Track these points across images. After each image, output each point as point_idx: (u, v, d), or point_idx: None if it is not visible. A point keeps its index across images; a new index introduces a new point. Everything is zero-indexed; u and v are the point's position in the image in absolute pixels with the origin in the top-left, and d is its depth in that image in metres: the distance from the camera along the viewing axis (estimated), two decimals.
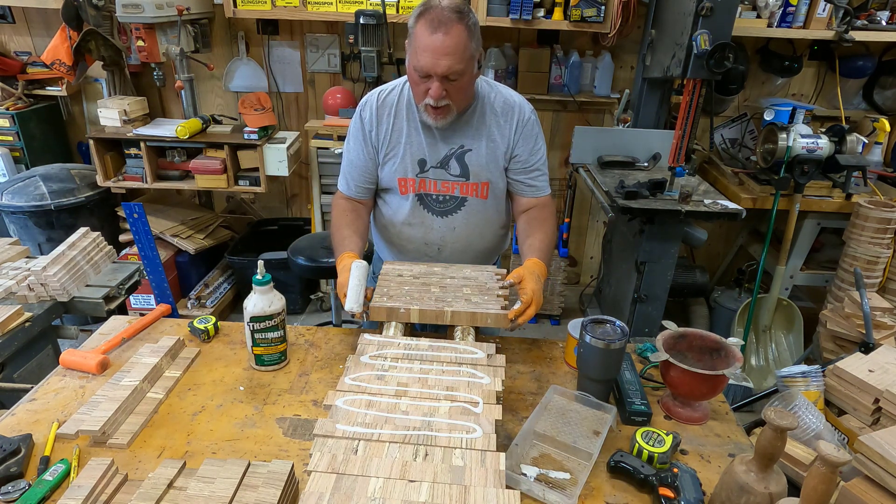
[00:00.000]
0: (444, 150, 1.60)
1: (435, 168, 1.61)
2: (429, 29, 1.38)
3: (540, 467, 1.10)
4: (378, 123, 1.60)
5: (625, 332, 1.26)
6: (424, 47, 1.39)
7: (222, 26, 3.36)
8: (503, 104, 1.60)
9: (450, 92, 1.45)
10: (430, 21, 1.38)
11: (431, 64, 1.40)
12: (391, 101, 1.61)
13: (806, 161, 2.67)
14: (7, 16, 3.33)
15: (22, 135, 3.30)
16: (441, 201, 1.65)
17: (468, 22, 1.40)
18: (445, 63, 1.39)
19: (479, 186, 1.63)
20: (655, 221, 2.48)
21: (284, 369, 1.40)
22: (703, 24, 2.33)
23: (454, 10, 1.39)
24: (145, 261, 2.78)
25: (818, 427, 1.54)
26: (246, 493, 0.95)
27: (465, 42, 1.40)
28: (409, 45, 1.47)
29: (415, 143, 1.60)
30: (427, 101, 1.47)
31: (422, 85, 1.46)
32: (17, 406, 1.25)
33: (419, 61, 1.41)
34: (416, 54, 1.42)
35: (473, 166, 1.61)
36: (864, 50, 3.17)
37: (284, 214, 3.89)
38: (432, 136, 1.59)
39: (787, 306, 3.06)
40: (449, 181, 1.62)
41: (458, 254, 1.69)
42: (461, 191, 1.63)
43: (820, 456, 0.84)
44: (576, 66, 3.27)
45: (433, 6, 1.40)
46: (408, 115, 1.60)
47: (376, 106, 1.61)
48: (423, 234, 1.69)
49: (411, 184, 1.63)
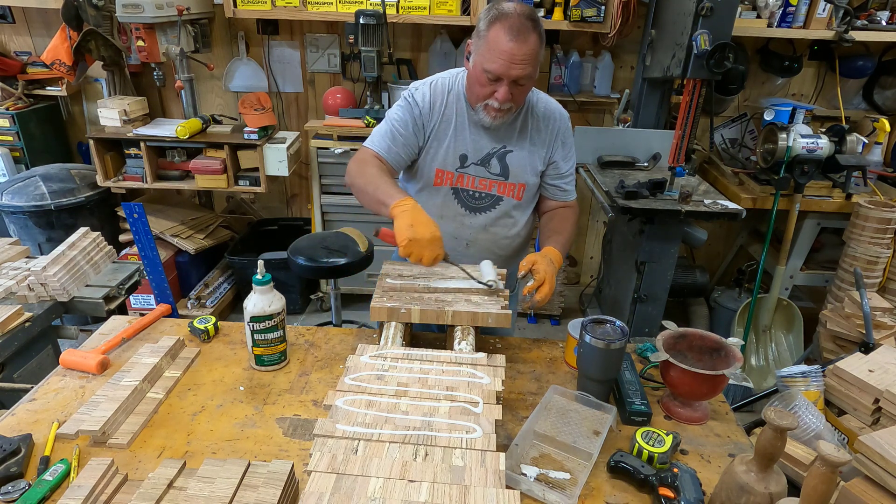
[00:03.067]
0: (488, 147, 1.63)
1: (476, 165, 1.64)
2: (507, 35, 1.41)
3: (540, 467, 1.10)
4: (431, 108, 1.61)
5: (625, 332, 1.26)
6: (501, 52, 1.41)
7: (222, 26, 3.36)
8: (544, 110, 1.66)
9: (514, 95, 1.49)
10: (509, 27, 1.41)
11: (506, 69, 1.43)
12: (443, 91, 1.62)
13: (806, 161, 2.67)
14: (7, 16, 3.33)
15: (22, 135, 3.30)
16: (476, 198, 1.67)
17: (541, 29, 1.46)
18: (519, 69, 1.43)
19: (515, 187, 1.66)
20: (655, 221, 2.48)
21: (284, 369, 1.40)
22: (703, 24, 2.33)
23: (529, 17, 1.43)
24: (145, 261, 2.78)
25: (818, 427, 1.54)
26: (246, 493, 0.95)
27: (538, 49, 1.45)
28: (476, 46, 1.48)
29: (459, 138, 1.62)
30: (490, 103, 1.50)
31: (488, 87, 1.48)
32: (17, 406, 1.25)
33: (493, 65, 1.43)
34: (491, 57, 1.43)
35: (514, 167, 1.64)
36: (864, 50, 3.17)
37: (284, 214, 3.90)
38: (478, 133, 1.62)
39: (787, 306, 3.06)
40: (487, 179, 1.65)
41: (485, 252, 1.70)
42: (498, 190, 1.66)
43: (820, 456, 0.84)
44: (576, 66, 3.27)
45: (509, 13, 1.42)
46: (457, 108, 1.61)
47: (430, 93, 1.61)
48: (454, 229, 1.70)
49: (449, 177, 1.65)
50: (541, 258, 1.48)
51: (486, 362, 1.22)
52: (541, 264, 1.46)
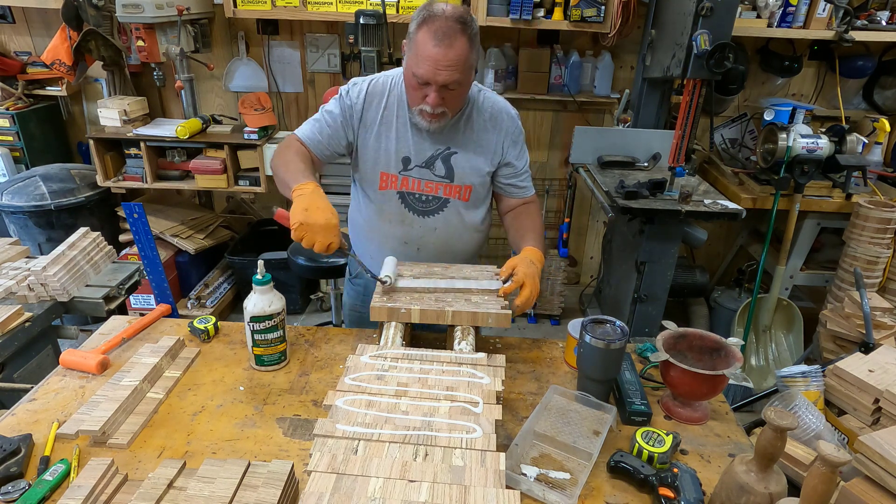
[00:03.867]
0: (431, 150, 1.60)
1: (419, 167, 1.61)
2: (432, 39, 1.37)
3: (540, 467, 1.10)
4: (365, 108, 1.59)
5: (625, 332, 1.26)
6: (426, 57, 1.38)
7: (222, 26, 3.36)
8: (491, 109, 1.62)
9: (447, 99, 1.46)
10: (434, 31, 1.37)
11: (432, 74, 1.40)
12: (383, 91, 1.59)
13: (806, 161, 2.67)
14: (7, 16, 3.33)
15: (22, 135, 3.31)
16: (423, 201, 1.65)
17: (471, 32, 1.40)
18: (446, 74, 1.40)
19: (462, 189, 1.64)
20: (655, 221, 2.48)
21: (284, 369, 1.40)
22: (703, 24, 2.33)
23: (458, 19, 1.38)
24: (145, 261, 2.78)
25: (818, 427, 1.54)
26: (246, 493, 0.95)
27: (467, 54, 1.40)
28: (408, 49, 1.46)
29: (401, 140, 1.59)
30: (423, 108, 1.47)
31: (419, 90, 1.46)
32: (17, 406, 1.25)
33: (420, 70, 1.41)
34: (418, 62, 1.41)
35: (459, 169, 1.62)
36: (864, 50, 3.17)
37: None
38: (420, 136, 1.59)
39: (787, 306, 3.06)
40: (433, 181, 1.62)
41: (437, 254, 1.69)
42: (444, 192, 1.64)
43: (820, 456, 0.84)
44: (576, 66, 3.27)
45: (437, 15, 1.39)
46: (398, 111, 1.59)
47: (367, 92, 1.59)
48: (403, 233, 1.68)
49: (393, 180, 1.62)
50: (520, 261, 1.45)
51: (486, 362, 1.22)
52: (520, 267, 1.43)
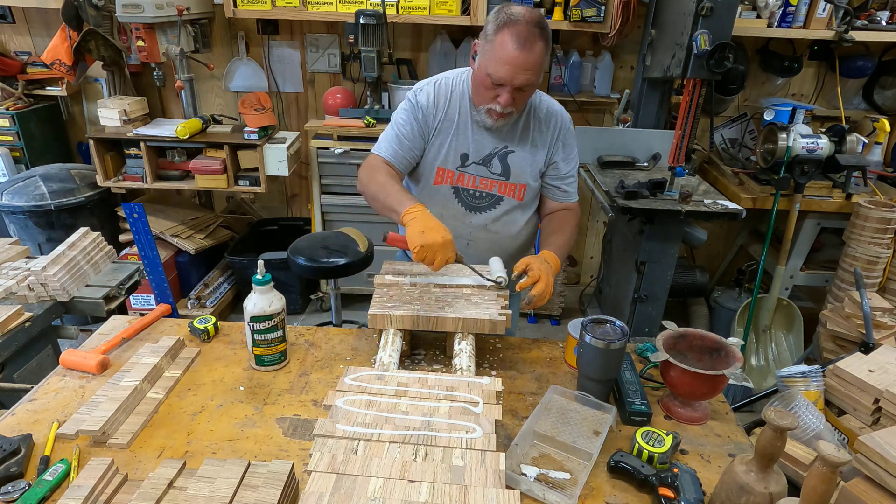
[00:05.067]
0: (489, 147, 1.63)
1: (477, 164, 1.64)
2: (514, 42, 1.40)
3: (540, 467, 1.10)
4: (435, 109, 1.62)
5: (625, 332, 1.26)
6: (506, 59, 1.41)
7: (222, 26, 3.36)
8: (546, 111, 1.66)
9: (517, 100, 1.50)
10: (517, 35, 1.40)
11: (511, 76, 1.43)
12: (447, 91, 1.62)
13: (806, 161, 2.67)
14: (7, 16, 3.33)
15: (22, 135, 3.31)
16: (477, 197, 1.68)
17: (547, 37, 1.44)
18: (524, 77, 1.43)
19: (517, 187, 1.67)
20: (655, 221, 2.48)
21: (284, 369, 1.40)
22: (703, 24, 2.33)
23: (537, 24, 1.42)
24: (145, 261, 2.78)
25: (818, 427, 1.54)
26: (246, 493, 0.95)
27: (543, 58, 1.44)
28: (483, 49, 1.47)
29: (461, 137, 1.62)
30: (493, 106, 1.50)
31: (492, 91, 1.48)
32: (17, 406, 1.25)
33: (498, 71, 1.43)
34: (495, 63, 1.43)
35: (515, 167, 1.65)
36: (864, 50, 3.17)
37: (284, 214, 3.89)
38: (480, 133, 1.62)
39: (787, 306, 3.06)
40: (488, 178, 1.65)
41: (485, 252, 1.69)
42: (499, 189, 1.67)
43: (820, 456, 0.84)
44: (576, 66, 3.27)
45: (518, 19, 1.41)
46: (460, 108, 1.62)
47: (434, 93, 1.62)
48: (455, 228, 1.68)
49: (449, 175, 1.65)
50: (535, 259, 1.48)
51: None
52: (535, 264, 1.46)
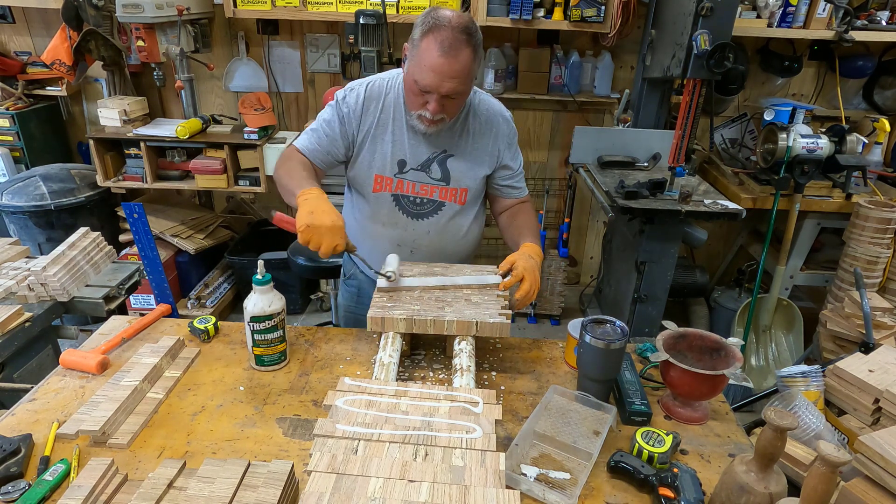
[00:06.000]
0: (427, 153, 1.60)
1: (415, 170, 1.61)
2: (437, 49, 1.37)
3: (540, 467, 1.10)
4: (363, 113, 1.59)
5: (625, 332, 1.26)
6: (430, 66, 1.39)
7: (222, 26, 3.36)
8: (487, 112, 1.63)
9: (446, 107, 1.47)
10: (440, 42, 1.37)
11: (436, 84, 1.40)
12: (380, 94, 1.59)
13: (806, 161, 2.67)
14: (7, 16, 3.32)
15: (22, 135, 3.30)
16: (417, 203, 1.65)
17: (475, 43, 1.41)
18: (450, 85, 1.41)
19: (458, 192, 1.64)
20: (655, 221, 2.48)
21: (284, 369, 1.40)
22: (703, 24, 2.33)
23: (463, 30, 1.38)
24: (145, 261, 2.78)
25: (818, 427, 1.54)
26: (246, 493, 0.95)
27: (471, 64, 1.41)
28: (410, 55, 1.45)
29: (397, 143, 1.59)
30: (423, 113, 1.48)
31: (420, 97, 1.46)
32: (17, 406, 1.25)
33: (423, 78, 1.41)
34: (421, 70, 1.41)
35: (455, 172, 1.62)
36: (864, 50, 3.17)
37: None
38: (416, 139, 1.59)
39: (787, 306, 3.06)
40: (428, 184, 1.62)
41: (430, 256, 1.69)
42: (440, 195, 1.64)
43: (820, 456, 0.84)
44: (576, 66, 3.27)
45: (443, 24, 1.38)
46: (394, 113, 1.59)
47: (364, 96, 1.58)
48: (397, 235, 1.68)
49: (388, 183, 1.62)
50: (519, 256, 1.48)
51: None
52: (519, 263, 1.45)
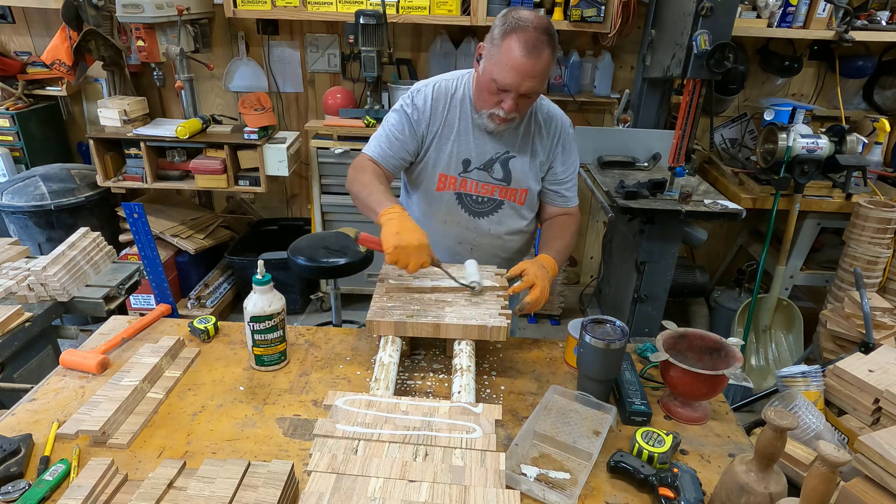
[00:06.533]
0: (491, 152, 1.62)
1: (479, 169, 1.63)
2: (521, 49, 1.38)
3: (540, 467, 1.10)
4: (432, 114, 1.60)
5: (625, 332, 1.26)
6: (513, 65, 1.39)
7: (222, 26, 3.35)
8: (546, 116, 1.65)
9: (520, 106, 1.49)
10: (525, 42, 1.38)
11: (517, 83, 1.42)
12: (446, 95, 1.61)
13: (806, 161, 2.67)
14: (7, 16, 3.32)
15: (22, 135, 3.30)
16: (479, 202, 1.67)
17: (555, 44, 1.43)
18: (530, 84, 1.42)
19: (518, 192, 1.66)
20: (655, 221, 2.48)
21: (284, 369, 1.40)
22: (703, 24, 2.33)
23: (545, 31, 1.40)
24: (145, 261, 2.78)
25: (818, 427, 1.54)
26: (246, 493, 0.95)
27: (550, 65, 1.44)
28: (489, 54, 1.45)
29: (463, 142, 1.61)
30: (496, 112, 1.49)
31: (496, 95, 1.47)
32: (17, 406, 1.25)
33: (504, 77, 1.42)
34: (502, 69, 1.41)
35: (516, 172, 1.64)
36: (864, 50, 3.17)
37: (284, 214, 3.89)
38: (481, 138, 1.61)
39: (787, 306, 3.06)
40: (490, 184, 1.65)
41: (489, 256, 1.71)
42: (500, 194, 1.66)
43: (820, 456, 0.84)
44: (576, 66, 3.27)
45: (526, 25, 1.39)
46: (461, 113, 1.60)
47: (432, 97, 1.60)
48: (459, 233, 1.70)
49: (452, 181, 1.65)
50: (531, 264, 1.48)
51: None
52: (531, 269, 1.45)
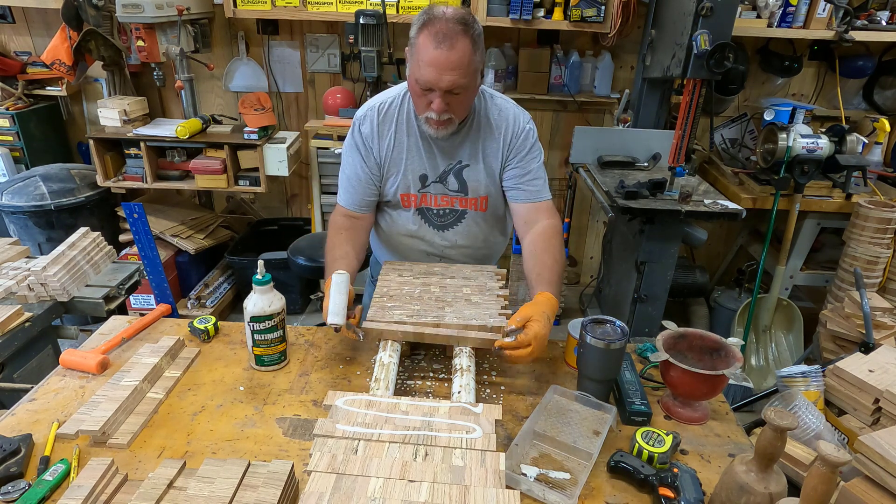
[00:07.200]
0: (443, 165, 1.59)
1: (435, 182, 1.61)
2: (433, 42, 1.34)
3: (540, 467, 1.10)
4: (380, 138, 1.57)
5: (625, 332, 1.26)
6: (428, 61, 1.35)
7: (222, 26, 3.35)
8: (497, 117, 1.58)
9: (452, 105, 1.43)
10: (435, 34, 1.34)
11: (435, 79, 1.36)
12: (392, 115, 1.57)
13: (806, 161, 2.67)
14: (7, 16, 3.32)
15: (22, 135, 3.30)
16: (441, 215, 1.65)
17: (473, 33, 1.36)
18: (449, 78, 1.36)
19: (477, 200, 1.64)
20: (655, 221, 2.48)
21: (284, 369, 1.40)
22: (703, 24, 2.33)
23: (459, 20, 1.35)
24: (145, 261, 2.78)
25: (818, 427, 1.54)
26: (246, 493, 0.95)
27: (469, 56, 1.36)
28: (410, 55, 1.43)
29: (415, 159, 1.59)
30: (429, 115, 1.45)
31: (424, 97, 1.43)
32: (17, 406, 1.25)
33: (422, 75, 1.37)
34: (419, 67, 1.38)
35: (471, 182, 1.61)
36: (864, 50, 3.17)
37: (284, 214, 3.89)
38: (431, 151, 1.58)
39: (787, 306, 3.06)
40: (448, 195, 1.62)
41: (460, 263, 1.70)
42: (460, 204, 1.64)
43: (820, 456, 0.84)
44: (576, 66, 3.27)
45: (437, 17, 1.36)
46: (408, 129, 1.57)
47: (377, 121, 1.57)
48: (426, 246, 1.70)
49: (413, 199, 1.63)
50: (537, 316, 1.27)
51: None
52: (533, 325, 1.26)
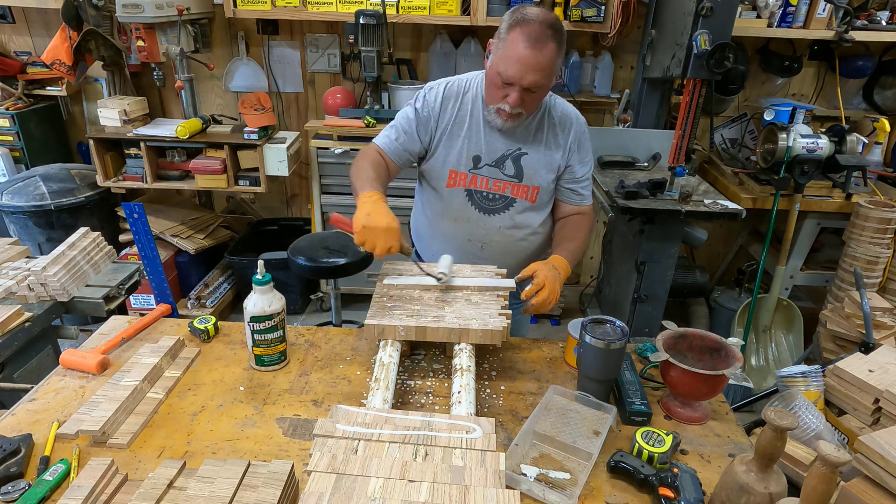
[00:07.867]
0: (502, 149, 1.63)
1: (489, 166, 1.64)
2: (524, 41, 1.40)
3: (540, 467, 1.10)
4: (441, 110, 1.62)
5: (625, 332, 1.26)
6: (517, 58, 1.41)
7: (222, 26, 3.35)
8: (561, 114, 1.66)
9: (526, 101, 1.49)
10: (528, 34, 1.40)
11: (519, 76, 1.43)
12: (458, 92, 1.63)
13: (806, 161, 2.67)
14: (7, 16, 3.32)
15: (22, 135, 3.30)
16: (490, 199, 1.67)
17: (560, 39, 1.44)
18: (532, 77, 1.43)
19: (529, 190, 1.66)
20: (655, 221, 2.48)
21: (284, 369, 1.40)
22: (703, 24, 2.33)
23: (550, 25, 1.41)
24: (145, 261, 2.78)
25: (818, 427, 1.54)
26: (246, 493, 0.95)
27: (554, 59, 1.44)
28: (496, 48, 1.48)
29: (473, 139, 1.62)
30: (502, 106, 1.50)
31: (501, 90, 1.49)
32: (17, 406, 1.25)
33: (507, 70, 1.43)
34: (506, 62, 1.43)
35: (528, 169, 1.64)
36: (864, 50, 3.17)
37: (284, 214, 3.89)
38: (492, 135, 1.62)
39: (787, 306, 3.06)
40: (501, 180, 1.65)
41: (500, 255, 1.70)
42: (511, 191, 1.66)
43: (820, 456, 0.84)
44: (576, 66, 3.27)
45: (530, 18, 1.42)
46: (472, 110, 1.62)
47: (443, 94, 1.63)
48: (469, 231, 1.70)
49: (462, 178, 1.65)
50: (543, 265, 1.49)
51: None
52: (541, 271, 1.46)
